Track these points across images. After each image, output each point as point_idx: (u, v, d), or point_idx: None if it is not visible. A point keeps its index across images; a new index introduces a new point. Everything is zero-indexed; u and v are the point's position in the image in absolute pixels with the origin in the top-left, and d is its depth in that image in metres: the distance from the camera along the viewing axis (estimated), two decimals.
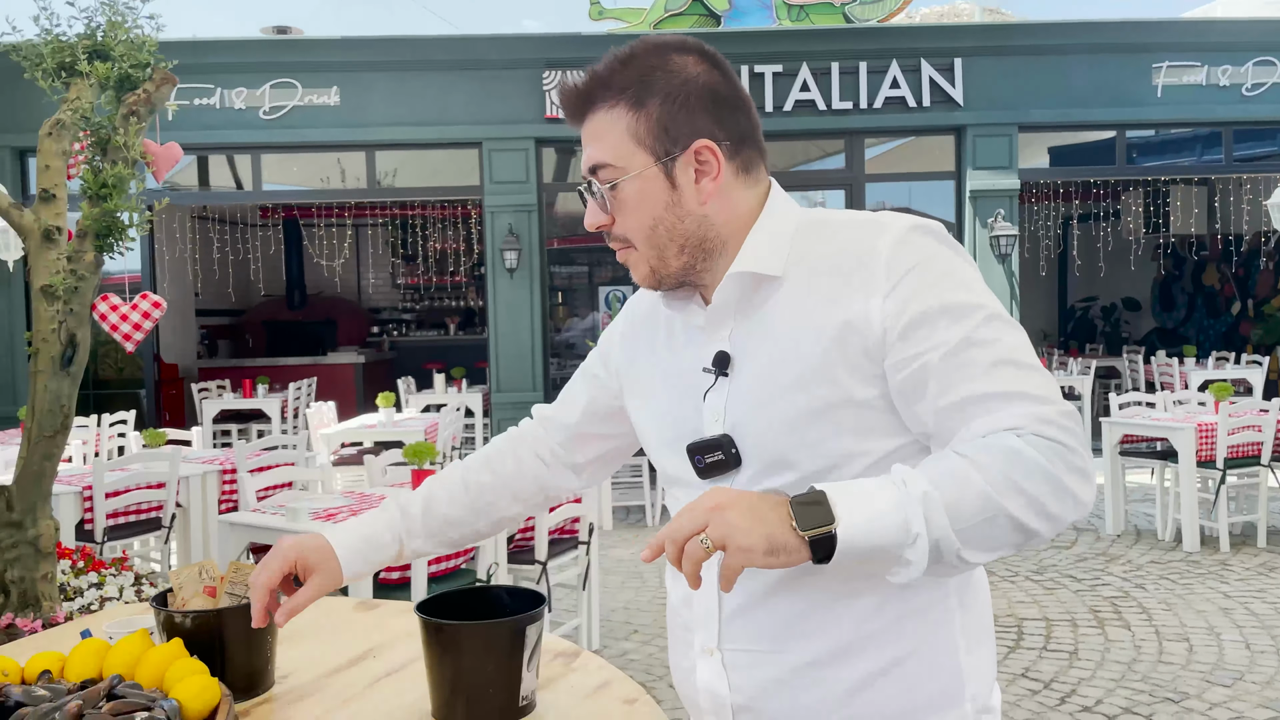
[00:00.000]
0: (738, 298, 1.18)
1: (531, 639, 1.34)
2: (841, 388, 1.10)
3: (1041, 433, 1.01)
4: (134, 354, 9.63)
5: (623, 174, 1.15)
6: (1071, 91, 9.56)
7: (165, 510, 5.04)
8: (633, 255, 1.19)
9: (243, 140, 9.42)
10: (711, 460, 1.16)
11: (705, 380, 1.19)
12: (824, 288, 1.13)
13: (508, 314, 9.48)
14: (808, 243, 1.17)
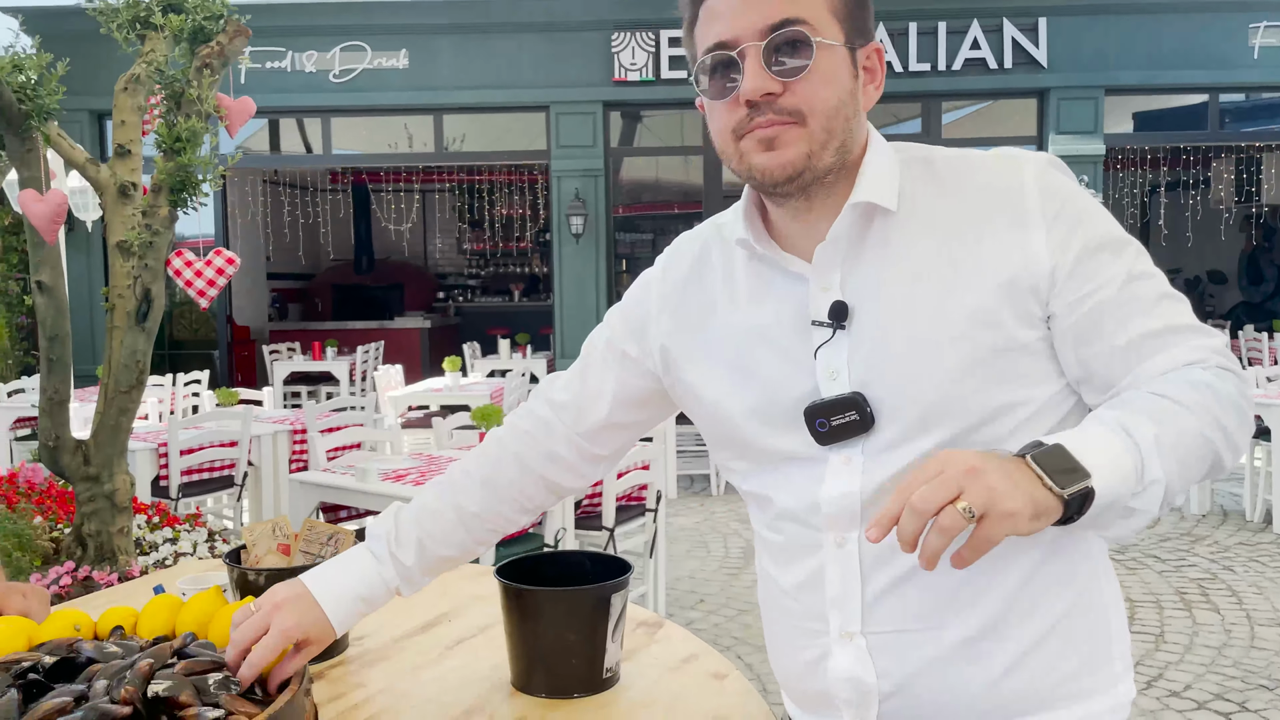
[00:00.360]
0: (851, 236, 1.06)
1: (616, 608, 1.27)
2: (1005, 332, 1.00)
3: (1223, 365, 0.98)
4: (208, 316, 9.81)
5: (824, 39, 1.00)
6: (1162, 52, 9.14)
7: (238, 468, 5.10)
8: (793, 133, 1.01)
9: (313, 104, 9.47)
10: (840, 422, 1.03)
11: (808, 336, 1.07)
12: (960, 226, 1.03)
13: (573, 280, 9.43)
14: (919, 180, 1.06)
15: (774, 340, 1.09)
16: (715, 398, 1.14)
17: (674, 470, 7.15)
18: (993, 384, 1.01)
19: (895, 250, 1.05)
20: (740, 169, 1.05)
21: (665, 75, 9.18)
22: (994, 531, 0.85)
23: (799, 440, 1.07)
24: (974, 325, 1.00)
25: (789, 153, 1.01)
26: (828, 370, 1.06)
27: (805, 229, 1.08)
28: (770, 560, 1.16)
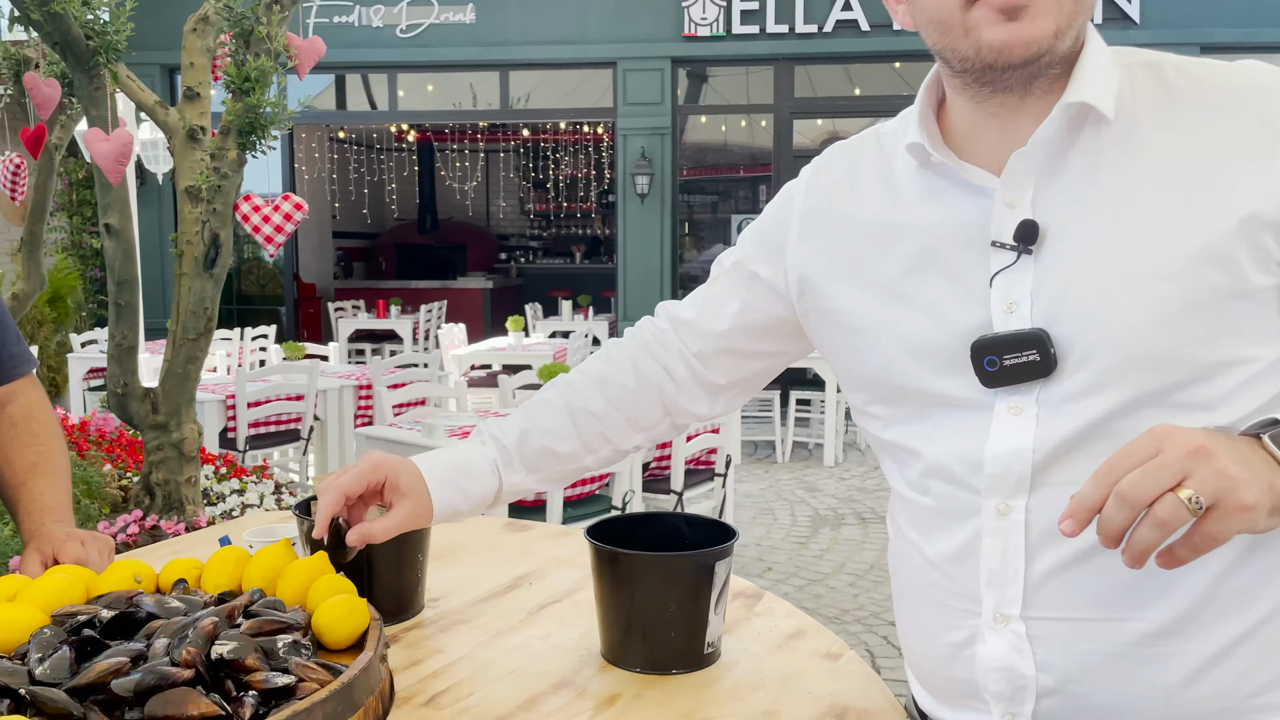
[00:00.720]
0: (1054, 145, 0.89)
1: (720, 577, 1.14)
2: (1238, 274, 0.83)
3: None
4: (275, 272, 9.87)
5: None
6: (1264, 6, 8.63)
7: (304, 422, 5.09)
8: (1044, 1, 0.84)
9: (379, 59, 9.40)
10: (1015, 362, 0.87)
11: (984, 260, 0.90)
12: (1195, 145, 0.85)
13: (637, 241, 9.28)
14: (1143, 87, 0.89)
15: (942, 262, 0.93)
16: (864, 326, 0.99)
17: (738, 435, 7.02)
18: (1212, 334, 0.84)
19: (1107, 167, 0.88)
20: (963, 47, 0.87)
21: (737, 30, 8.93)
22: (1224, 527, 0.71)
23: (961, 382, 0.91)
24: (1200, 262, 0.83)
25: (1035, 26, 0.84)
26: (1005, 300, 0.89)
27: (1001, 133, 0.91)
28: (911, 525, 1.00)
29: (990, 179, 0.91)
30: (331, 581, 1.12)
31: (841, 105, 9.47)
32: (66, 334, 7.98)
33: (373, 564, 1.24)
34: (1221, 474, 0.70)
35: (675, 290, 9.46)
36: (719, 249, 9.95)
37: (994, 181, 0.91)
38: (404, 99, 9.93)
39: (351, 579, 1.16)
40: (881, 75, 9.27)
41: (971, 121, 0.94)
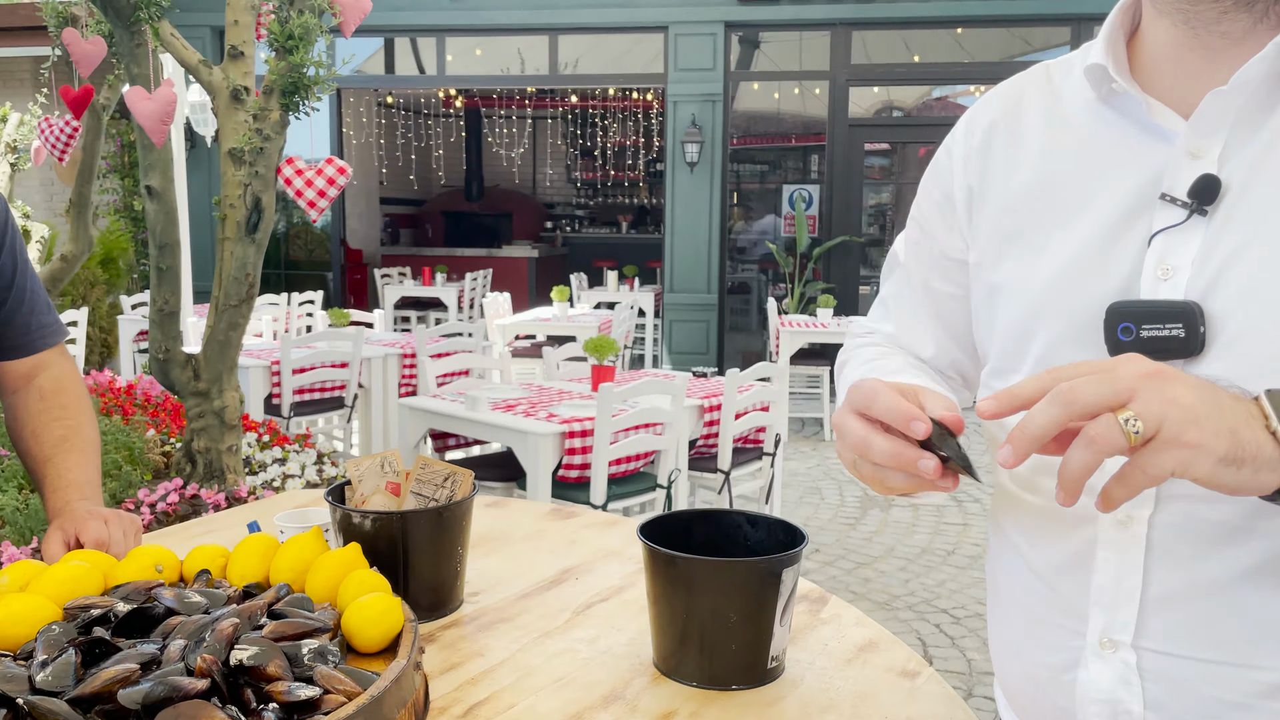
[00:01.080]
0: (1261, 93, 0.75)
1: (788, 585, 1.03)
2: None
3: None
4: (322, 237, 9.87)
5: None
6: None
7: (348, 390, 5.05)
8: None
9: (427, 23, 9.29)
10: (1154, 334, 0.74)
11: (1148, 214, 0.77)
12: None
13: (686, 211, 9.13)
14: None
15: (1099, 211, 0.80)
16: (1002, 281, 0.87)
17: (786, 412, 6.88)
18: None
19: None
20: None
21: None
22: (1155, 461, 0.60)
23: (1088, 353, 0.78)
24: None
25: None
26: (1160, 264, 0.76)
27: (1205, 71, 0.77)
28: (1016, 527, 0.88)
29: (1177, 121, 0.78)
30: (364, 577, 1.04)
31: (899, 73, 9.19)
32: (118, 296, 8.05)
33: (408, 554, 1.15)
34: (1172, 401, 0.60)
35: (724, 260, 9.30)
36: (769, 220, 9.73)
37: (1180, 125, 0.77)
38: (452, 64, 9.82)
39: (386, 571, 1.08)
40: (941, 42, 8.98)
41: (1173, 52, 0.79)
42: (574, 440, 3.38)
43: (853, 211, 9.13)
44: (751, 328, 9.69)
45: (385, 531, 1.14)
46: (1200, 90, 0.76)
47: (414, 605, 1.14)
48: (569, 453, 3.38)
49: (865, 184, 9.29)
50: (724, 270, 9.36)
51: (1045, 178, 0.85)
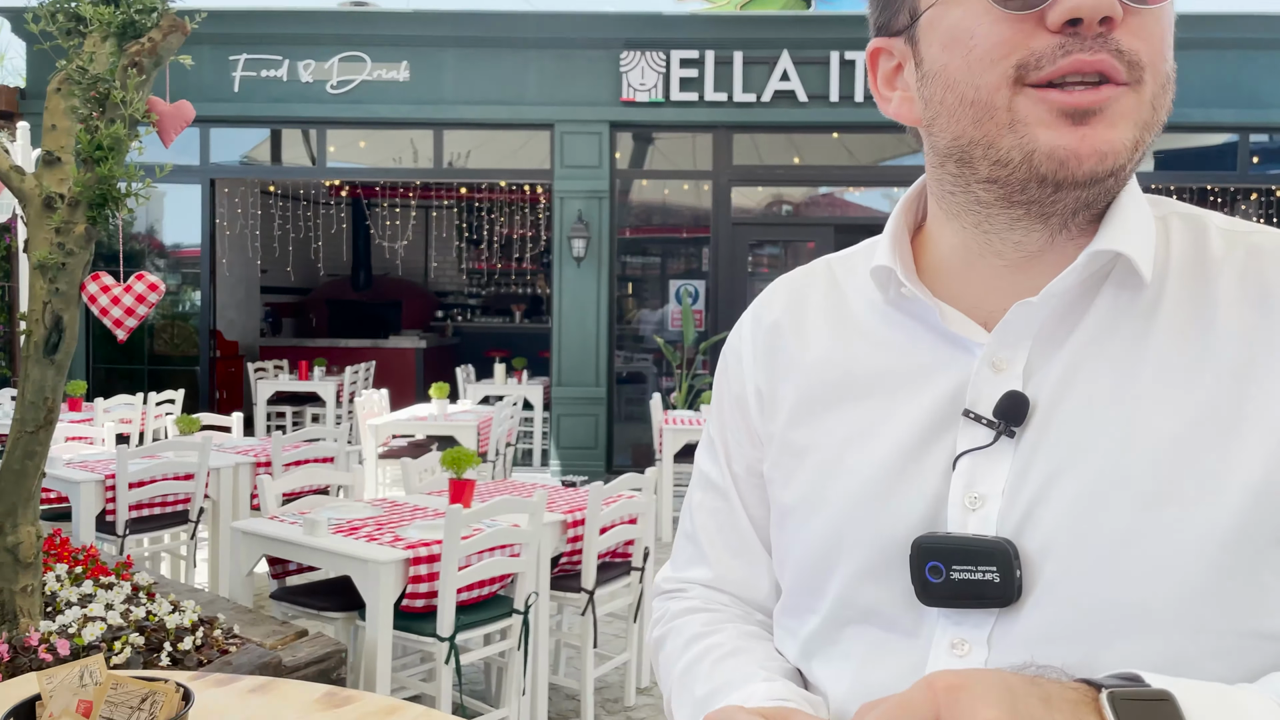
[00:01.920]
0: (1068, 302, 0.68)
1: None
2: (1273, 505, 0.61)
3: None
4: (191, 330, 9.45)
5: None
6: (1191, 89, 8.78)
7: (193, 504, 4.72)
8: (1128, 101, 0.64)
9: (309, 115, 9.15)
10: (965, 577, 0.65)
11: (949, 434, 0.70)
12: (1246, 330, 0.65)
13: (573, 304, 9.07)
14: (1187, 248, 0.69)
15: (897, 426, 0.72)
16: (789, 501, 0.77)
17: (669, 513, 6.75)
18: (1244, 594, 0.61)
19: (1136, 344, 0.66)
20: (1006, 144, 0.66)
21: (675, 97, 8.85)
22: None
23: (893, 592, 0.69)
24: (1257, 496, 0.61)
25: (1114, 133, 0.64)
26: (968, 491, 0.68)
27: (997, 276, 0.71)
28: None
29: (978, 331, 0.71)
30: None
31: (780, 174, 9.41)
32: None
33: None
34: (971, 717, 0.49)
35: (612, 352, 9.23)
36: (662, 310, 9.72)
37: (981, 335, 0.70)
38: (336, 154, 9.67)
39: None
40: (822, 144, 9.24)
41: (964, 256, 0.73)
42: (420, 566, 3.17)
43: (738, 306, 9.20)
44: (644, 418, 9.61)
45: None
46: (995, 297, 0.71)
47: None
48: (414, 580, 3.17)
49: (754, 276, 9.41)
50: (612, 364, 9.29)
51: (835, 388, 0.77)
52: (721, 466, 0.88)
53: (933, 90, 0.70)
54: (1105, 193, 0.67)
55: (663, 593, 0.93)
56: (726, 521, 0.87)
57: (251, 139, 9.74)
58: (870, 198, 9.53)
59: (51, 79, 2.85)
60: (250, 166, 9.86)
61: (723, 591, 0.88)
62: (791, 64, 8.71)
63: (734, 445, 0.86)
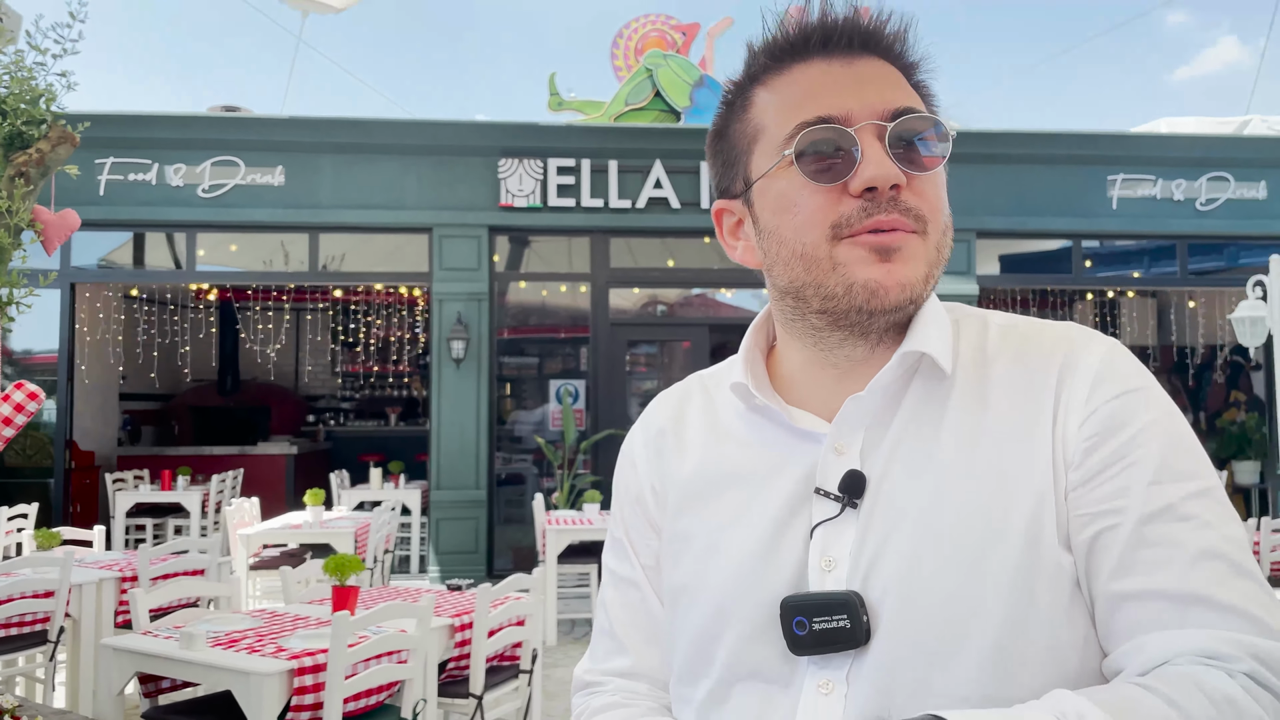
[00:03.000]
0: (889, 394, 0.85)
1: None
2: (1042, 550, 0.77)
3: (1261, 678, 0.70)
4: (44, 440, 8.96)
5: (947, 144, 0.84)
6: (1028, 200, 9.58)
7: (52, 623, 4.45)
8: (914, 245, 0.82)
9: (179, 218, 8.99)
10: (824, 628, 0.78)
11: (806, 510, 0.84)
12: (1011, 403, 0.81)
13: (452, 406, 9.03)
14: (974, 343, 0.86)
15: (764, 509, 0.86)
16: (679, 581, 0.90)
17: (554, 614, 6.70)
18: (1036, 616, 0.76)
19: (941, 423, 0.82)
20: (830, 283, 0.83)
21: (553, 202, 9.10)
22: None
23: (771, 649, 0.81)
24: (1021, 536, 0.77)
25: (909, 270, 0.82)
26: (823, 556, 0.82)
27: (836, 382, 0.87)
28: None
29: (820, 424, 0.86)
30: None
31: (655, 276, 9.72)
32: None
33: None
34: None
35: (492, 454, 9.19)
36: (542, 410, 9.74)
37: (825, 426, 0.85)
38: (206, 257, 9.49)
39: None
40: (694, 248, 9.61)
41: (808, 369, 0.90)
42: (305, 677, 3.08)
43: (618, 404, 9.34)
44: (526, 520, 9.53)
45: None
46: (834, 397, 0.86)
47: None
48: (298, 691, 3.08)
49: (632, 375, 9.58)
50: (493, 465, 9.24)
51: (711, 483, 0.91)
52: (631, 561, 0.99)
53: (769, 245, 0.87)
54: (907, 313, 0.85)
55: (583, 686, 1.01)
56: (640, 611, 0.98)
57: (112, 242, 9.48)
58: (741, 298, 9.92)
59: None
60: (115, 270, 9.57)
61: (640, 678, 0.98)
62: (664, 172, 9.10)
63: (638, 540, 0.99)
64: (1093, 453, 0.77)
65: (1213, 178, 9.65)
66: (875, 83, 0.84)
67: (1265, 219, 9.68)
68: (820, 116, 0.83)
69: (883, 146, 0.81)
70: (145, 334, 11.25)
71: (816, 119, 0.82)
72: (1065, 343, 0.83)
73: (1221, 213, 9.67)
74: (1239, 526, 0.77)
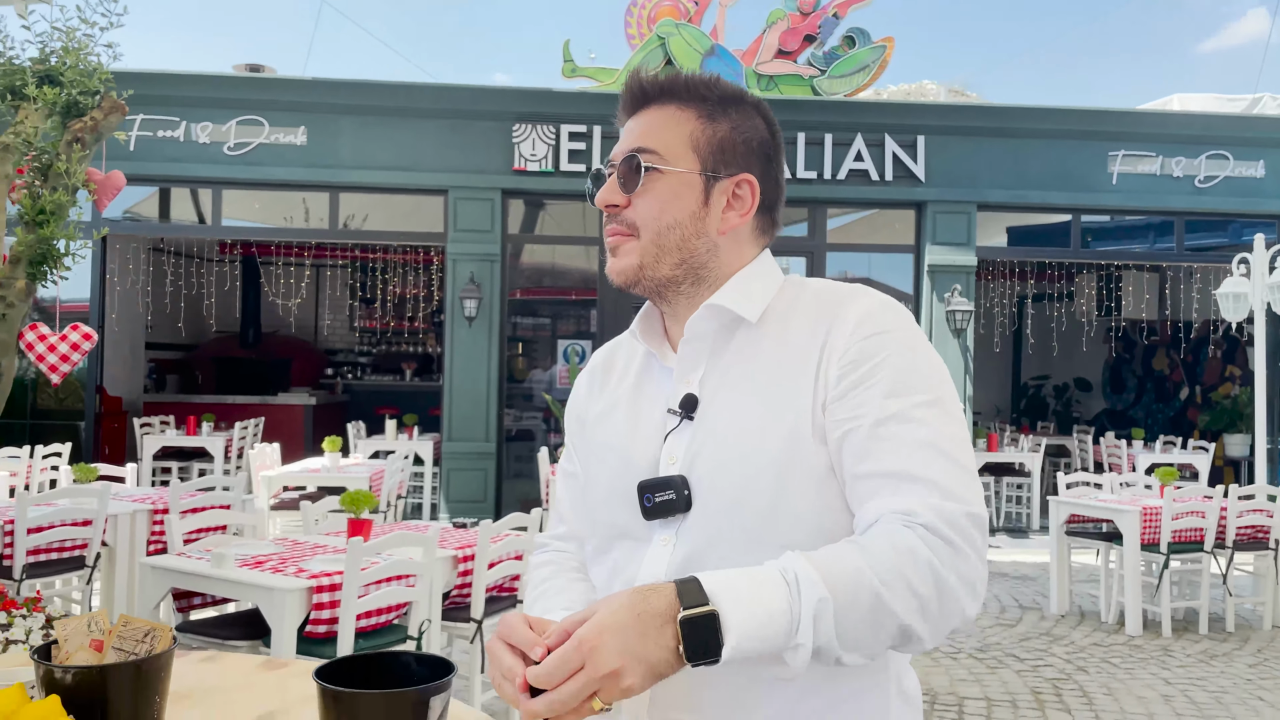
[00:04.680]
0: (713, 335, 1.18)
1: (436, 710, 1.26)
2: (801, 445, 1.09)
3: (936, 529, 1.00)
4: (76, 385, 9.39)
5: (667, 166, 1.16)
6: (1029, 174, 9.78)
7: (90, 549, 4.85)
8: (628, 244, 1.18)
9: (205, 175, 9.34)
10: (661, 500, 1.13)
11: (667, 423, 1.18)
12: (797, 342, 1.14)
13: (464, 363, 9.39)
14: (785, 300, 1.19)
15: (642, 423, 1.21)
16: (596, 474, 1.27)
17: None
18: (794, 492, 1.08)
19: (746, 358, 1.15)
20: None
21: (564, 167, 9.38)
22: (611, 697, 0.92)
23: (634, 515, 1.16)
24: (778, 433, 1.10)
25: (623, 262, 1.18)
26: (670, 455, 1.16)
27: (679, 329, 1.21)
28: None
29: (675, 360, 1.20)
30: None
31: None
32: None
33: (107, 705, 1.30)
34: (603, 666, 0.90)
35: (501, 410, 9.56)
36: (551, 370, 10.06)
37: (675, 362, 1.20)
38: (230, 213, 9.84)
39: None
40: None
41: (670, 323, 1.24)
42: (322, 595, 3.46)
43: None
44: (533, 475, 9.92)
45: (85, 684, 1.29)
46: None
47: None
48: (316, 608, 3.45)
49: None
50: (502, 420, 9.61)
51: (614, 405, 1.28)
52: (572, 459, 1.38)
53: None
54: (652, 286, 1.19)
55: (539, 546, 1.43)
56: (577, 494, 1.36)
57: (137, 194, 9.83)
58: None
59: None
60: (144, 223, 9.94)
61: (572, 540, 1.38)
62: None
63: (577, 446, 1.36)
64: (844, 378, 1.09)
65: (1212, 155, 9.83)
66: (637, 131, 1.19)
67: (1262, 197, 9.86)
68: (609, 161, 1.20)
69: (613, 179, 1.18)
70: (172, 285, 11.64)
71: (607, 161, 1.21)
72: (844, 299, 1.15)
73: (1220, 190, 9.85)
74: (958, 428, 1.07)
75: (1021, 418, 14.58)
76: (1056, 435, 12.52)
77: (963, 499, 1.02)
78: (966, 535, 1.01)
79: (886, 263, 10.18)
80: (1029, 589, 7.30)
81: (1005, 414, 14.97)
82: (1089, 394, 14.91)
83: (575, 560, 1.35)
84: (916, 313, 9.80)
